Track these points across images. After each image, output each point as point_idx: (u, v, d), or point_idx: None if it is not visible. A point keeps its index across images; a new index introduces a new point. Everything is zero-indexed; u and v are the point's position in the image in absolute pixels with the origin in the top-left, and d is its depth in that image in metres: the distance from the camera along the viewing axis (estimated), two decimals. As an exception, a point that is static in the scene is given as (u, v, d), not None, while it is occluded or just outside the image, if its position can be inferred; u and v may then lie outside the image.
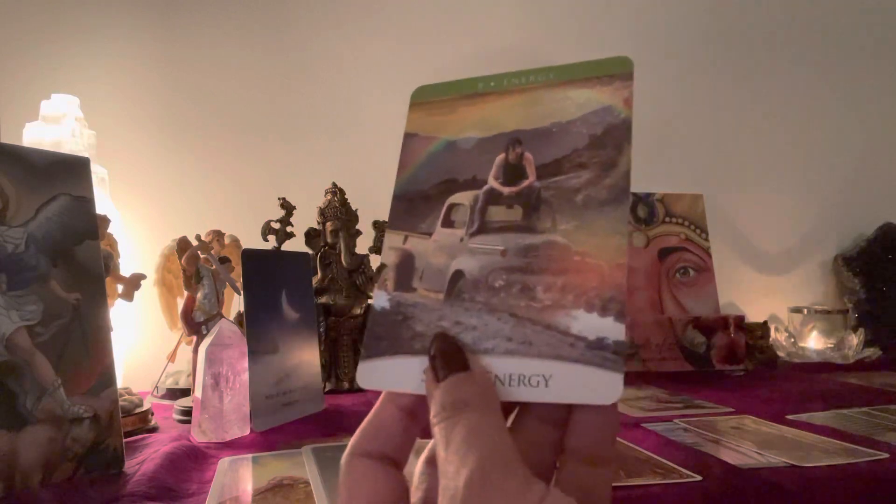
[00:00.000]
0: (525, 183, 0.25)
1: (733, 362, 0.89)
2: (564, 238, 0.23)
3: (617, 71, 0.25)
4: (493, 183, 0.25)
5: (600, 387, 0.20)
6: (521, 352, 0.21)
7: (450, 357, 0.21)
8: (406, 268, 0.25)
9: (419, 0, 1.18)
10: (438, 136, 0.27)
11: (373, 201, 0.77)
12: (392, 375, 0.22)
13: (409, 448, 0.22)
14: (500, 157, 0.25)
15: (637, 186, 1.05)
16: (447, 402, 0.19)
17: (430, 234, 0.25)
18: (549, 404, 0.21)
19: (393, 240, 0.25)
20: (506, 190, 0.25)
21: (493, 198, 0.25)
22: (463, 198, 0.25)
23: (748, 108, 1.32)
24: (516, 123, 0.26)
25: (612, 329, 0.21)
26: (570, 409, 0.21)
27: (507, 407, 0.21)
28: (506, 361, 0.21)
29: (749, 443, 0.54)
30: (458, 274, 0.24)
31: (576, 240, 0.22)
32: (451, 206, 0.25)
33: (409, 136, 0.28)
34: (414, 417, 0.22)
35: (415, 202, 0.26)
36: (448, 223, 0.25)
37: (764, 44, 1.34)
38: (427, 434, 0.21)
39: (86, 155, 0.55)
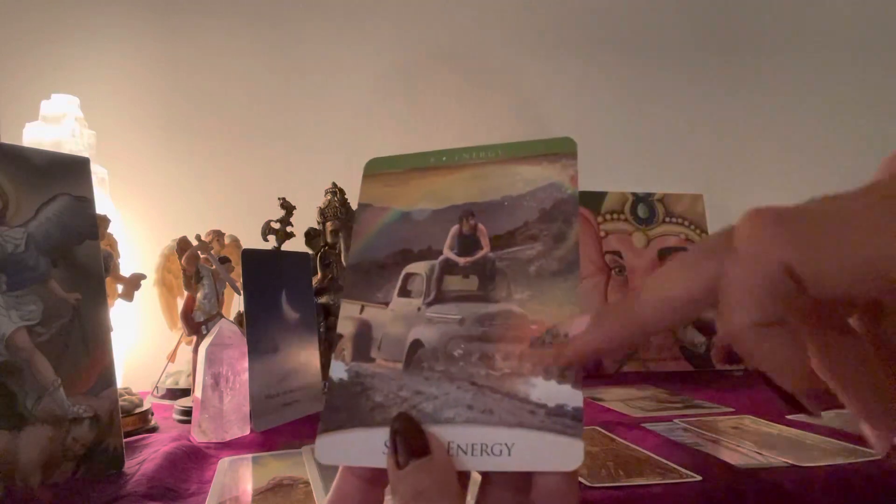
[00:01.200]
0: (479, 253, 0.25)
1: (733, 362, 0.89)
2: (520, 307, 0.23)
3: (562, 150, 0.26)
4: (448, 253, 0.26)
5: (562, 453, 0.20)
6: (483, 420, 0.21)
7: (410, 440, 0.20)
8: (363, 338, 0.25)
9: (419, 1, 1.18)
10: (392, 207, 0.27)
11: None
12: (353, 449, 0.22)
13: None
14: (454, 229, 0.26)
15: (637, 186, 1.06)
16: (407, 493, 0.19)
17: (386, 304, 0.25)
18: (512, 472, 0.21)
19: (349, 309, 0.25)
20: (461, 260, 0.25)
21: (448, 268, 0.25)
22: (419, 268, 0.26)
23: (748, 108, 1.32)
24: (468, 196, 0.26)
25: (570, 396, 0.21)
26: (532, 475, 0.21)
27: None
28: (468, 430, 0.21)
29: (749, 443, 0.54)
30: (417, 343, 0.24)
31: (531, 309, 0.23)
32: (408, 276, 0.25)
33: (363, 207, 0.28)
34: (376, 484, 0.22)
35: (370, 272, 0.26)
36: (405, 293, 0.25)
37: (765, 43, 1.34)
38: None
39: (86, 155, 0.54)
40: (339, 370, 0.24)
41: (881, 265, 0.16)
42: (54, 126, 0.78)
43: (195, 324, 0.72)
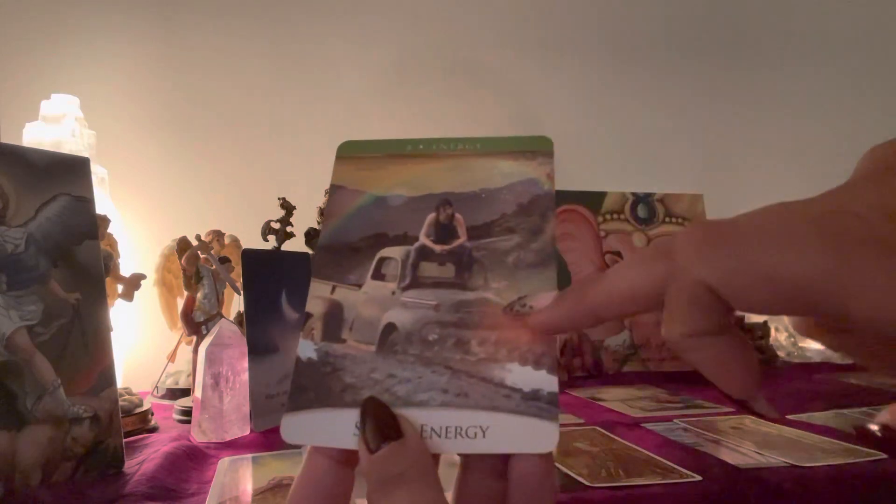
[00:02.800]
0: (456, 242, 0.25)
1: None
2: (497, 296, 0.23)
3: (539, 148, 0.27)
4: (424, 240, 0.25)
5: (537, 436, 0.20)
6: (457, 403, 0.21)
7: (381, 424, 0.20)
8: (334, 318, 0.24)
9: (419, 2, 1.18)
10: (366, 191, 0.27)
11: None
12: (321, 429, 0.21)
13: (348, 499, 0.22)
14: (431, 216, 0.26)
15: (637, 186, 1.05)
16: (381, 478, 0.19)
17: (359, 286, 0.25)
18: (489, 456, 0.21)
19: (319, 289, 0.25)
20: (438, 247, 0.25)
21: (424, 254, 0.25)
22: (394, 252, 0.25)
23: (748, 108, 1.32)
24: (446, 186, 0.27)
25: (545, 381, 0.21)
26: (509, 461, 0.21)
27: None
28: (441, 413, 0.21)
29: (749, 443, 0.54)
30: (391, 326, 0.24)
31: (507, 298, 0.23)
32: (382, 260, 0.25)
33: (335, 188, 0.28)
34: (347, 464, 0.21)
35: (342, 253, 0.26)
36: (379, 276, 0.25)
37: (765, 44, 1.34)
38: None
39: (86, 155, 0.54)
40: (307, 349, 0.23)
41: (783, 285, 0.16)
42: (54, 126, 0.78)
43: (195, 324, 0.72)
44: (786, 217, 0.17)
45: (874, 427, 0.18)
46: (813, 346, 1.09)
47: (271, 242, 0.83)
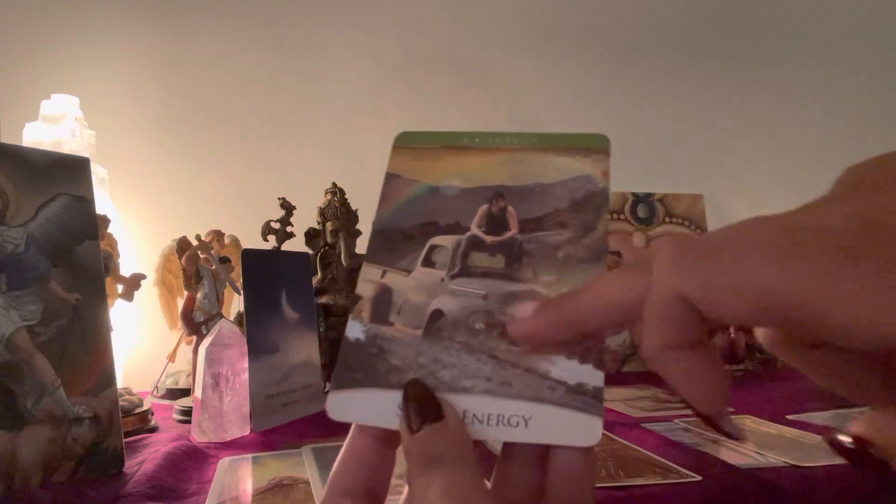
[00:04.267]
0: (508, 234, 0.25)
1: (733, 362, 0.89)
2: (546, 289, 0.23)
3: (595, 145, 0.27)
4: (475, 230, 0.26)
5: (580, 429, 0.20)
6: (501, 392, 0.21)
7: (423, 405, 0.20)
8: (383, 301, 0.24)
9: (419, 3, 1.18)
10: (421, 181, 0.27)
11: (373, 201, 0.76)
12: (366, 408, 0.22)
13: (389, 478, 0.22)
14: (483, 208, 0.26)
15: (637, 186, 1.06)
16: (421, 457, 0.19)
17: (409, 272, 0.25)
18: (530, 446, 0.21)
19: (370, 273, 0.25)
20: (489, 238, 0.25)
21: (475, 244, 0.25)
22: (445, 240, 0.26)
23: (749, 108, 1.32)
24: (499, 179, 0.27)
25: (591, 375, 0.21)
26: (549, 455, 0.21)
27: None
28: (484, 401, 0.21)
29: (749, 443, 0.54)
30: (438, 313, 0.24)
31: (556, 292, 0.23)
32: (433, 248, 0.25)
33: (390, 176, 0.28)
34: (389, 444, 0.22)
35: (394, 239, 0.26)
36: (429, 263, 0.25)
37: (765, 44, 1.34)
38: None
39: (86, 155, 0.54)
40: (356, 330, 0.24)
41: (759, 294, 0.16)
42: (54, 126, 0.78)
43: (195, 324, 0.72)
44: (762, 229, 0.17)
45: (845, 438, 0.18)
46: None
47: (271, 242, 0.83)
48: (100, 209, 0.57)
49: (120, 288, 0.68)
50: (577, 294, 0.20)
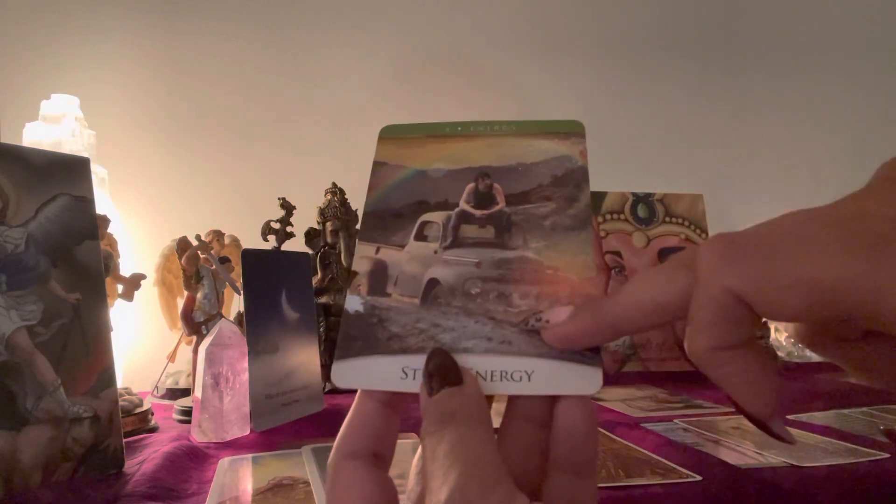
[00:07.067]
0: (495, 208, 0.26)
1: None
2: (536, 255, 0.24)
3: (571, 130, 0.28)
4: (464, 206, 0.27)
5: (581, 379, 0.21)
6: (502, 350, 0.22)
7: (445, 373, 0.21)
8: (379, 275, 0.25)
9: (419, 2, 1.18)
10: (408, 166, 0.29)
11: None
12: (369, 374, 0.22)
13: (394, 441, 0.22)
14: (470, 186, 0.27)
15: (637, 186, 1.05)
16: (436, 414, 0.20)
17: (402, 247, 0.26)
18: (534, 402, 0.22)
19: (365, 250, 0.26)
20: (477, 212, 0.26)
21: (465, 218, 0.26)
22: (435, 216, 0.27)
23: (748, 108, 1.32)
24: (484, 161, 0.28)
25: None
26: (553, 412, 0.21)
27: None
28: (487, 359, 0.22)
29: (749, 443, 0.54)
30: (434, 282, 0.25)
31: (546, 256, 0.24)
32: (424, 223, 0.26)
33: (378, 164, 0.29)
34: (394, 409, 0.22)
35: (386, 219, 0.27)
36: (421, 238, 0.26)
37: (765, 44, 1.34)
38: (407, 427, 0.21)
39: (86, 155, 0.54)
40: (354, 303, 0.25)
41: (815, 289, 0.16)
42: (54, 126, 0.78)
43: (195, 324, 0.72)
44: (809, 222, 0.17)
45: None
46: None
47: (271, 242, 0.84)
48: (100, 209, 0.57)
49: (120, 288, 0.68)
50: (614, 296, 0.20)
